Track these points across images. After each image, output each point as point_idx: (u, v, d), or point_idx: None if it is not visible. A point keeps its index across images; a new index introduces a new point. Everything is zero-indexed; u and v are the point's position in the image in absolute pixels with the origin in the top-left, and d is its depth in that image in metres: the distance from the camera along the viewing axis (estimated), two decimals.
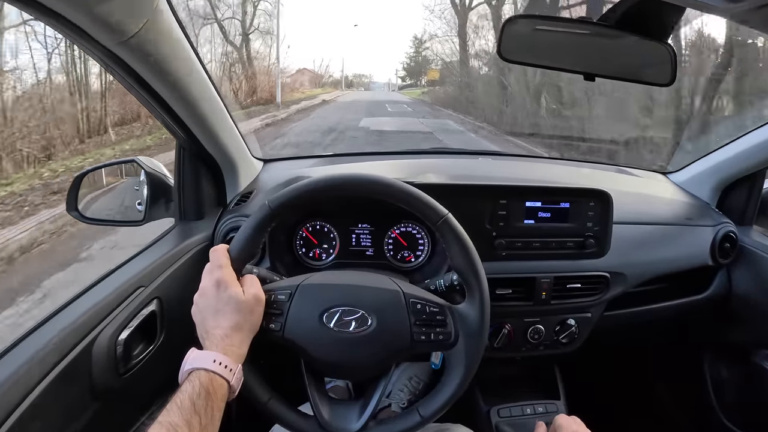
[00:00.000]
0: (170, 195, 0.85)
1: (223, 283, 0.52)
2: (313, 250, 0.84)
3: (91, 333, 0.60)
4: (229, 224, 0.81)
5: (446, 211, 0.57)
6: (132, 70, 0.58)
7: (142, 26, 0.51)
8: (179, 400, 0.44)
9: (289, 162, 1.03)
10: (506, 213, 0.79)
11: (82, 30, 0.48)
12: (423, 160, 1.11)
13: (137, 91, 0.63)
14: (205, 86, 0.69)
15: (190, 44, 0.63)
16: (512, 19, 0.57)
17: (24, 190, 4.46)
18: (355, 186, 0.57)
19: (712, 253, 0.93)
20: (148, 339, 0.69)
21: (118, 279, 0.67)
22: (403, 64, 36.62)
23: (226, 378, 0.47)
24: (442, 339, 0.56)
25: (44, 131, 5.52)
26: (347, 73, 38.26)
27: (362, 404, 0.57)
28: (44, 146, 5.40)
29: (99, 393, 0.60)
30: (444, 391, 0.56)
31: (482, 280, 0.56)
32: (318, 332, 0.55)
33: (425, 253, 0.84)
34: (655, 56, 0.57)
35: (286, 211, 0.56)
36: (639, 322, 0.94)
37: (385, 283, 0.58)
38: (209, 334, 0.51)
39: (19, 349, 0.54)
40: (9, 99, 5.55)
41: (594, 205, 0.80)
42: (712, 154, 1.01)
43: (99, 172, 0.92)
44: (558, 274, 0.82)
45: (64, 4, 0.44)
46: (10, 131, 5.16)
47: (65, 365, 0.55)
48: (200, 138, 0.75)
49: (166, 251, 0.75)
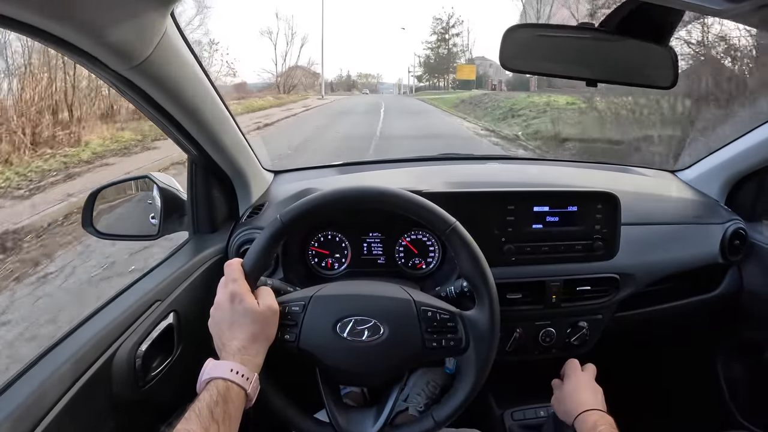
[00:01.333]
0: (183, 209, 0.87)
1: (238, 295, 0.54)
2: (326, 260, 0.85)
3: (111, 347, 0.61)
4: (243, 237, 0.83)
5: (454, 219, 0.58)
6: (144, 93, 0.59)
7: (153, 51, 0.53)
8: (197, 408, 0.46)
9: (299, 173, 1.04)
10: (514, 218, 0.80)
11: (94, 57, 0.50)
12: (431, 167, 1.12)
13: (149, 112, 0.65)
14: (214, 103, 0.71)
15: (198, 63, 0.65)
16: (513, 28, 0.58)
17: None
18: (364, 198, 0.59)
19: (722, 251, 0.92)
20: (165, 351, 0.71)
21: (135, 293, 0.69)
22: (421, 58, 30.62)
23: (243, 387, 0.49)
24: (453, 345, 0.57)
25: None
26: (351, 73, 34.42)
27: (377, 410, 0.58)
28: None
29: (119, 405, 0.62)
30: (457, 396, 0.57)
31: (491, 286, 0.57)
32: (332, 342, 0.56)
33: (436, 260, 0.85)
34: (656, 59, 0.57)
35: (298, 224, 0.58)
36: (651, 322, 0.94)
37: (396, 292, 0.59)
38: (226, 345, 0.52)
39: (41, 365, 0.56)
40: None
41: (602, 207, 0.81)
42: (720, 150, 1.01)
43: (111, 188, 0.94)
44: (568, 277, 0.82)
45: (75, 33, 0.46)
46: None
47: (87, 379, 0.57)
48: (211, 153, 0.77)
49: (181, 265, 0.76)
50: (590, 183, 0.93)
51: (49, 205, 3.99)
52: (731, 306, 0.97)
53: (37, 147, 5.62)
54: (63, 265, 2.91)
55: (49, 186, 4.66)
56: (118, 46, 0.49)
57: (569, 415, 0.64)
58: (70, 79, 6.74)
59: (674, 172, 1.10)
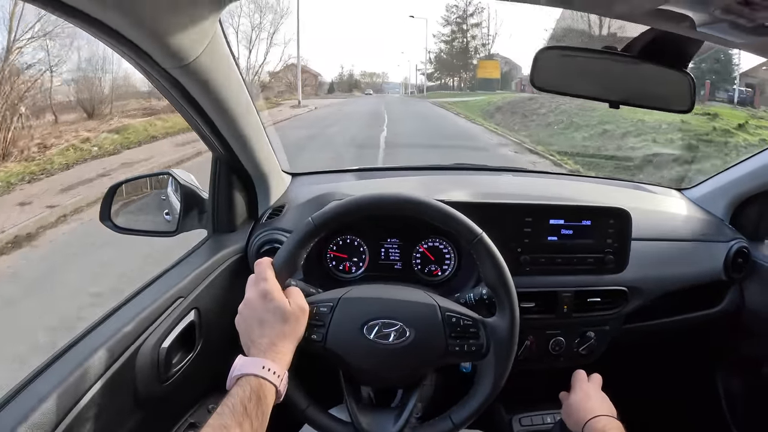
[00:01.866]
0: (203, 207, 0.88)
1: (269, 294, 0.54)
2: (344, 263, 0.87)
3: (135, 342, 0.62)
4: (263, 237, 0.84)
5: (480, 230, 0.60)
6: (186, 92, 0.61)
7: (202, 52, 0.55)
8: (231, 403, 0.46)
9: (316, 176, 1.06)
10: (531, 230, 0.82)
11: (145, 53, 0.51)
12: (448, 177, 1.14)
13: (185, 110, 0.66)
14: (248, 106, 0.72)
15: (238, 68, 0.66)
16: (543, 50, 0.60)
17: None
18: (395, 205, 0.61)
19: (726, 268, 0.95)
20: (186, 348, 0.71)
21: (158, 289, 0.70)
22: (432, 54, 25.62)
23: (275, 383, 0.50)
24: (475, 350, 0.59)
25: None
26: (354, 72, 30.72)
27: (398, 411, 0.60)
28: None
29: (141, 401, 0.63)
30: (476, 398, 0.59)
31: (513, 296, 0.60)
32: (358, 343, 0.58)
33: (452, 268, 0.87)
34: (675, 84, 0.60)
35: (329, 227, 0.59)
36: (655, 334, 0.97)
37: (422, 297, 0.61)
38: (255, 342, 0.53)
39: (66, 358, 0.56)
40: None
41: (614, 222, 0.83)
42: (726, 171, 1.05)
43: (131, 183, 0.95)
44: (579, 289, 0.84)
45: (133, 29, 0.47)
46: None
47: (111, 373, 0.58)
48: (238, 153, 0.78)
49: (201, 263, 0.77)
50: (602, 198, 0.96)
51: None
52: (732, 322, 1.00)
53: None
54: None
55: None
56: (172, 44, 0.50)
57: (578, 423, 0.66)
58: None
59: (681, 191, 1.14)
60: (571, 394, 0.72)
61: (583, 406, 0.68)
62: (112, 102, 9.54)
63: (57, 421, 0.50)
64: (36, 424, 0.48)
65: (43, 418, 0.49)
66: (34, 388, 0.51)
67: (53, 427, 0.50)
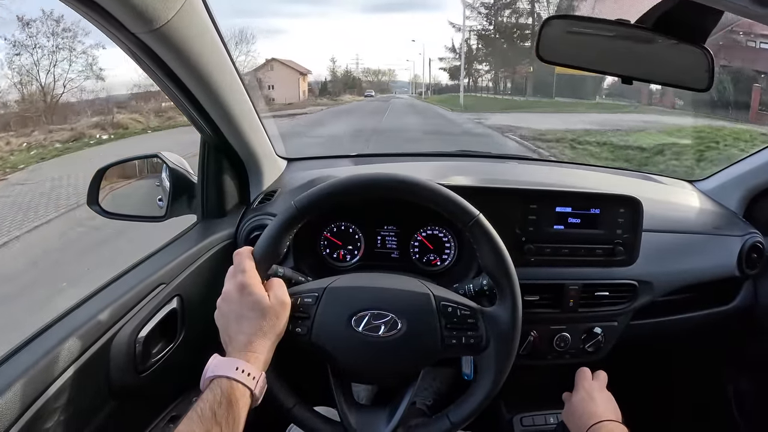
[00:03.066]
0: (192, 191, 0.85)
1: (247, 287, 0.50)
2: (338, 251, 0.83)
3: (110, 330, 0.59)
4: (253, 223, 0.80)
5: (477, 212, 0.55)
6: (161, 61, 0.56)
7: (174, 15, 0.50)
8: (200, 408, 0.43)
9: (313, 161, 1.03)
10: (536, 218, 0.78)
11: (111, 16, 0.47)
12: (450, 163, 1.10)
13: (164, 83, 0.62)
14: (234, 81, 0.68)
15: (220, 37, 0.62)
16: (550, 20, 0.56)
17: None
18: (383, 186, 0.56)
19: (740, 264, 0.91)
20: (167, 338, 0.68)
21: (138, 275, 0.67)
22: (469, 32, 16.21)
23: (249, 386, 0.46)
24: (473, 343, 0.54)
25: None
26: (356, 70, 26.44)
27: (390, 410, 0.55)
28: None
29: (116, 391, 0.59)
30: (474, 397, 0.55)
31: (514, 282, 0.55)
32: (346, 336, 0.53)
33: (451, 257, 0.83)
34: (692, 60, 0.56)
35: (313, 211, 0.55)
36: (664, 332, 0.92)
37: (415, 285, 0.57)
38: (232, 339, 0.49)
39: (36, 344, 0.53)
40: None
41: (624, 211, 0.79)
42: (739, 163, 1.00)
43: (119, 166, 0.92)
44: (586, 282, 0.80)
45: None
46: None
47: (83, 362, 0.55)
48: (226, 134, 0.75)
49: (188, 248, 0.74)
50: (611, 187, 0.91)
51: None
52: (745, 320, 0.96)
53: None
54: None
55: None
56: (138, 5, 0.46)
57: (581, 428, 0.62)
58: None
59: (692, 182, 1.09)
60: (574, 395, 0.68)
61: (587, 408, 0.64)
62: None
63: (23, 408, 0.47)
64: (1, 408, 0.45)
65: (7, 405, 0.46)
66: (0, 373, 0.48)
67: (18, 414, 0.47)
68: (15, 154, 8.38)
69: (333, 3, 49.52)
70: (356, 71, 27.28)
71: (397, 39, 49.48)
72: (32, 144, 9.05)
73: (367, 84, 27.75)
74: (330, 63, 28.04)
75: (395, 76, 29.21)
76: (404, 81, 27.98)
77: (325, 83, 26.40)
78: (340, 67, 26.84)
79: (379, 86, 27.81)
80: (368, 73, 28.16)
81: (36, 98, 12.05)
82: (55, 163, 7.86)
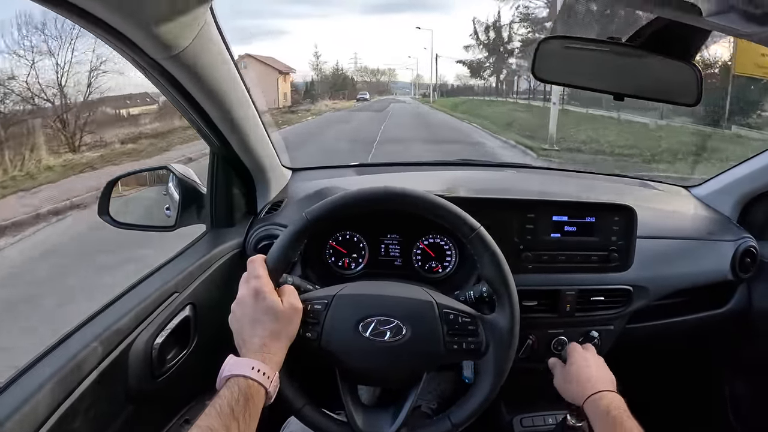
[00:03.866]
0: (201, 201, 0.87)
1: (261, 292, 0.53)
2: (343, 259, 0.86)
3: (128, 337, 0.61)
4: (261, 232, 0.83)
5: (478, 224, 0.58)
6: (177, 83, 0.60)
7: (192, 41, 0.54)
8: (218, 405, 0.45)
9: (317, 171, 1.05)
10: (534, 226, 0.81)
11: (133, 43, 0.50)
12: (450, 172, 1.13)
13: (178, 101, 0.65)
14: (243, 97, 0.71)
15: (231, 57, 0.66)
16: (545, 40, 0.59)
17: None
18: (391, 199, 0.59)
19: (733, 268, 0.93)
20: (181, 344, 0.71)
21: (153, 284, 0.69)
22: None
23: (264, 385, 0.49)
24: (474, 348, 0.57)
25: None
26: (351, 69, 22.01)
27: (394, 411, 0.58)
28: None
29: (134, 396, 0.62)
30: (475, 398, 0.58)
31: (512, 291, 0.58)
32: (354, 341, 0.56)
33: (452, 265, 0.85)
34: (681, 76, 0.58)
35: (323, 222, 0.58)
36: (660, 335, 0.95)
37: (419, 293, 0.60)
38: (247, 342, 0.52)
39: (59, 351, 0.56)
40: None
41: (619, 219, 0.81)
42: (734, 169, 1.02)
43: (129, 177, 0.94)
44: (582, 287, 0.83)
45: (122, 19, 0.46)
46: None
47: (104, 368, 0.57)
48: (235, 147, 0.77)
49: (198, 258, 0.77)
50: (607, 195, 0.94)
51: None
52: (739, 323, 0.98)
53: None
54: None
55: None
56: (160, 34, 0.49)
57: (578, 396, 0.62)
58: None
59: (688, 188, 1.11)
60: (569, 364, 0.67)
61: (584, 375, 0.63)
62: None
63: (48, 414, 0.50)
64: (26, 416, 0.47)
65: (33, 410, 0.48)
66: (24, 381, 0.51)
67: (44, 419, 0.49)
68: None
69: (333, 3, 48.62)
70: (351, 70, 22.97)
71: (397, 38, 46.96)
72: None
73: (363, 84, 23.09)
74: (313, 59, 22.96)
75: (395, 76, 26.25)
76: (405, 81, 25.22)
77: (311, 84, 21.67)
78: (326, 63, 21.89)
79: (378, 87, 23.82)
80: (365, 73, 23.85)
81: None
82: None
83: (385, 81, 26.05)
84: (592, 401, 0.60)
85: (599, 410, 0.58)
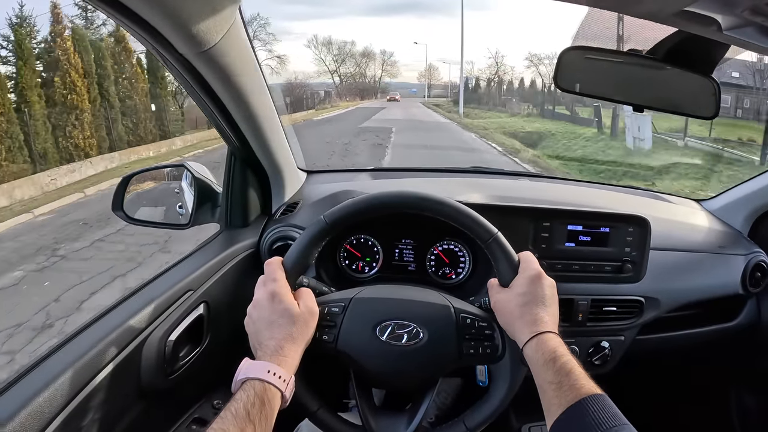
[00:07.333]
0: (216, 200, 0.88)
1: (278, 295, 0.53)
2: (357, 262, 0.86)
3: (143, 333, 0.61)
4: (276, 234, 0.83)
5: (496, 230, 0.59)
6: (202, 79, 0.60)
7: (220, 39, 0.54)
8: (233, 408, 0.45)
9: (332, 174, 1.06)
10: (548, 235, 0.81)
11: (165, 39, 0.51)
12: (465, 179, 1.13)
13: (202, 99, 0.66)
14: (266, 98, 0.72)
15: (255, 57, 0.66)
16: (567, 50, 0.60)
17: None
18: (409, 203, 0.59)
19: (743, 282, 0.93)
20: (194, 342, 0.70)
21: (168, 281, 0.69)
22: None
23: (280, 388, 0.48)
24: (490, 353, 0.57)
25: None
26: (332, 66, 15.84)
27: (409, 415, 0.58)
28: None
29: (146, 392, 0.62)
30: (490, 403, 0.57)
31: None
32: (370, 344, 0.56)
33: (466, 271, 0.85)
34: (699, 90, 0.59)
35: (341, 225, 0.58)
36: (669, 347, 0.95)
37: (436, 298, 0.60)
38: (262, 345, 0.52)
39: (72, 346, 0.56)
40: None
41: (633, 230, 0.82)
42: (746, 183, 1.03)
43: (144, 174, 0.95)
44: (595, 297, 0.83)
45: (156, 15, 0.47)
46: None
47: (118, 363, 0.57)
48: (254, 147, 0.78)
49: (212, 256, 0.77)
50: (620, 206, 0.94)
51: None
52: (748, 337, 0.98)
53: None
54: None
55: None
56: (190, 30, 0.50)
57: (519, 332, 0.51)
58: None
59: (699, 201, 1.12)
60: (515, 282, 0.55)
61: (530, 307, 0.52)
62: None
63: (61, 407, 0.50)
64: (39, 408, 0.48)
65: (46, 403, 0.49)
66: (37, 375, 0.51)
67: (57, 412, 0.49)
68: None
69: (334, 3, 48.68)
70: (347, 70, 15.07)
71: (398, 38, 44.21)
72: None
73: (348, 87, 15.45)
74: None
75: (394, 73, 18.24)
76: (409, 82, 19.38)
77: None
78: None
79: (360, 86, 16.32)
80: (360, 74, 15.57)
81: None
82: None
83: (385, 84, 17.48)
84: (538, 341, 0.50)
85: (544, 356, 0.49)
